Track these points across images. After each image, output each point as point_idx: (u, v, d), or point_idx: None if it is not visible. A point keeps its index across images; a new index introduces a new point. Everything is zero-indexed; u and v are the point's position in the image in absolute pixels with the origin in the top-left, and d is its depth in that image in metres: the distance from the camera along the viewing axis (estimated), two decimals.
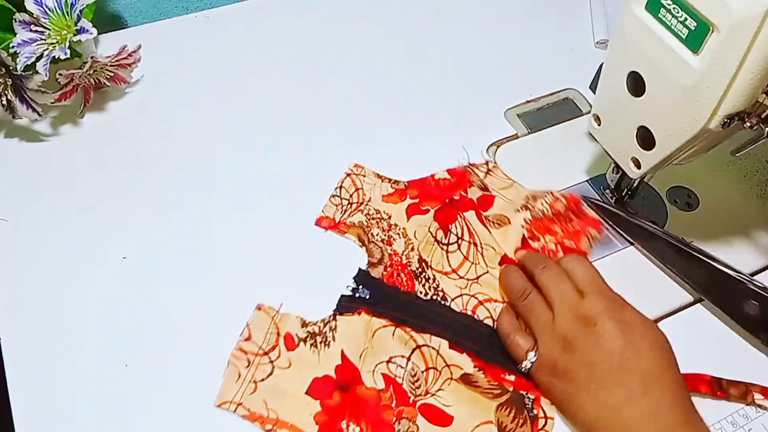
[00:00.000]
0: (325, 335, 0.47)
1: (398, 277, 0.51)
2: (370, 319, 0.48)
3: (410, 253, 0.52)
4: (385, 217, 0.54)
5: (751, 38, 0.37)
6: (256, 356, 0.46)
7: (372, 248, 0.53)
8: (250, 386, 0.45)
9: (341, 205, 0.56)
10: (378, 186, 0.57)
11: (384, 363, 0.46)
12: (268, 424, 0.44)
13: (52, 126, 0.62)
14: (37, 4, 0.58)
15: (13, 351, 0.48)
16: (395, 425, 0.44)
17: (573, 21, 0.75)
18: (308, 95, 0.66)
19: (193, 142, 0.61)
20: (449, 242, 0.52)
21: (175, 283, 0.52)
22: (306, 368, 0.46)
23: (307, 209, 0.56)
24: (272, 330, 0.48)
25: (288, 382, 0.45)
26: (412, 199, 0.55)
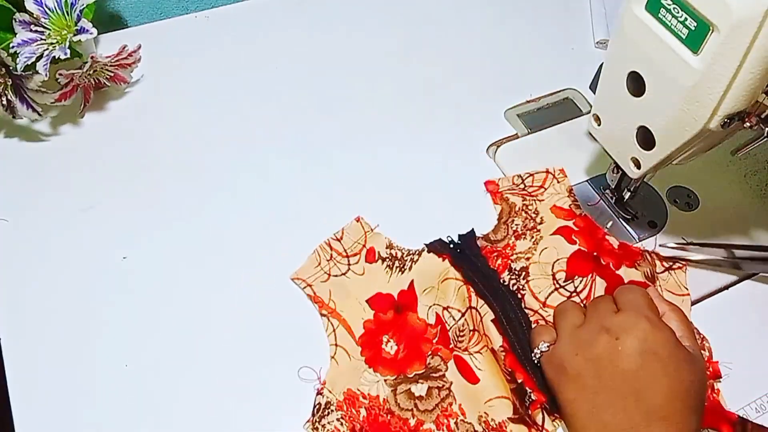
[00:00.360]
0: (403, 262, 0.52)
1: (494, 257, 0.52)
2: (448, 267, 0.51)
3: (523, 259, 0.51)
4: (537, 220, 0.54)
5: (751, 38, 0.37)
6: (338, 255, 0.52)
7: (500, 228, 0.54)
8: (323, 275, 0.51)
9: (518, 185, 0.57)
10: (557, 195, 0.56)
11: (441, 307, 0.49)
12: (324, 310, 0.49)
13: (52, 126, 0.62)
14: (37, 4, 0.58)
15: (13, 351, 0.48)
16: (428, 357, 0.47)
17: (573, 21, 0.75)
18: (308, 95, 0.66)
19: (193, 141, 0.61)
20: (564, 286, 0.50)
21: (175, 283, 0.52)
22: (375, 282, 0.51)
23: (308, 211, 0.56)
24: (361, 241, 0.53)
25: (355, 286, 0.51)
26: (575, 225, 0.53)
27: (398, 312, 0.50)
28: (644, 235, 0.55)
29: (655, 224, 0.56)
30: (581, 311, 0.46)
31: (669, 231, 0.56)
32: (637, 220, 0.56)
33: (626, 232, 0.56)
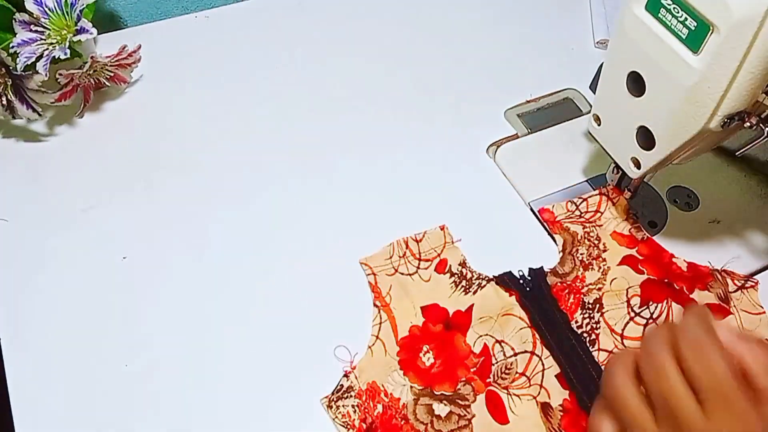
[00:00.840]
0: (470, 284, 0.51)
1: (566, 295, 0.50)
2: (514, 305, 0.50)
3: (594, 289, 0.51)
4: (600, 247, 0.53)
5: (751, 38, 0.37)
6: (412, 256, 0.52)
7: (566, 259, 0.53)
8: (390, 269, 0.52)
9: (571, 212, 0.56)
10: (617, 220, 0.55)
11: (493, 339, 0.48)
12: (378, 301, 0.50)
13: (52, 126, 0.62)
14: (37, 4, 0.58)
15: (13, 351, 0.48)
16: (460, 382, 0.46)
17: (573, 21, 0.75)
18: (308, 95, 0.66)
19: (193, 141, 0.61)
20: (638, 313, 0.49)
21: (175, 283, 0.52)
22: (437, 293, 0.51)
23: (307, 211, 0.56)
24: (438, 249, 0.53)
25: (416, 290, 0.51)
26: (639, 254, 0.53)
27: (447, 329, 0.49)
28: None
29: (655, 224, 0.56)
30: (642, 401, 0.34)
31: (669, 231, 0.56)
32: (636, 220, 0.56)
33: None
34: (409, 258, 0.52)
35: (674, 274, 0.52)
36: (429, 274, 0.52)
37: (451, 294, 0.50)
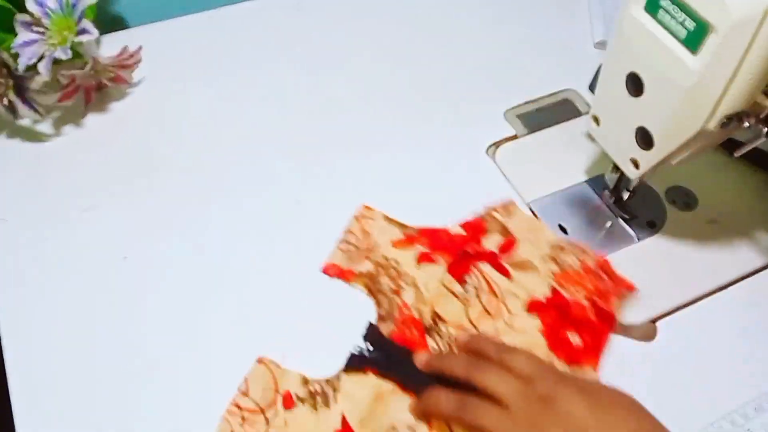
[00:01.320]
0: (326, 395, 0.45)
1: (409, 333, 0.48)
2: (378, 382, 0.46)
3: (422, 306, 0.49)
4: (393, 264, 0.52)
5: (749, 39, 0.37)
6: (251, 413, 0.44)
7: (381, 299, 0.50)
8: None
9: (349, 252, 0.53)
10: (387, 231, 0.54)
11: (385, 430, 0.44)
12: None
13: (54, 126, 0.62)
14: (39, 5, 0.58)
15: (13, 351, 0.48)
16: None
17: (572, 21, 0.75)
18: (308, 95, 0.66)
19: (194, 142, 0.62)
20: (467, 294, 0.50)
21: (175, 283, 0.52)
22: (303, 429, 0.44)
23: (308, 211, 0.56)
24: (271, 386, 0.46)
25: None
26: (423, 247, 0.53)
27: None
28: (643, 235, 0.56)
29: (654, 224, 0.56)
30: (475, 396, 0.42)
31: (668, 231, 0.56)
32: (636, 220, 0.56)
33: (625, 232, 0.56)
34: (250, 419, 0.44)
35: (459, 242, 0.53)
36: (282, 419, 0.44)
37: (317, 420, 0.44)
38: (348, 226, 0.55)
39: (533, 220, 0.55)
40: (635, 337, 0.50)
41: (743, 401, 0.47)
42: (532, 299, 0.50)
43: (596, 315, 0.49)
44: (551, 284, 0.51)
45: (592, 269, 0.51)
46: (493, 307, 0.49)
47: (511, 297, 0.50)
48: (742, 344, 0.50)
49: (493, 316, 0.49)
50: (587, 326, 0.49)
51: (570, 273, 0.51)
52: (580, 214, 0.57)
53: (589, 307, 0.49)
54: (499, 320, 0.49)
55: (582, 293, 0.50)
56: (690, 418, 0.46)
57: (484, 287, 0.50)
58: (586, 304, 0.49)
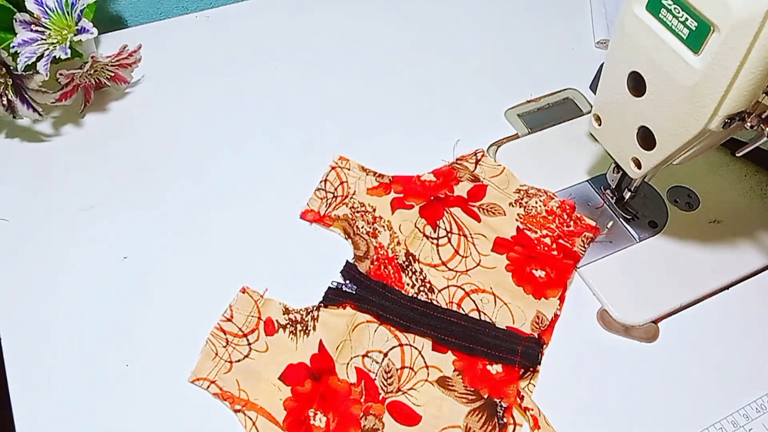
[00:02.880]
0: (306, 324, 0.48)
1: (385, 270, 0.51)
2: (354, 313, 0.49)
3: (396, 246, 0.53)
4: (369, 209, 0.55)
5: (751, 38, 0.37)
6: (234, 337, 0.48)
7: (357, 240, 0.53)
8: (225, 365, 0.46)
9: (326, 199, 0.56)
10: (363, 179, 0.58)
11: (360, 357, 0.47)
12: (237, 405, 0.45)
13: (53, 126, 0.62)
14: (38, 4, 0.58)
15: (14, 351, 0.48)
16: (361, 420, 0.44)
17: (573, 21, 0.75)
18: (308, 95, 0.66)
19: (194, 141, 0.61)
20: (438, 236, 0.53)
21: (175, 283, 0.52)
22: (282, 354, 0.47)
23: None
24: (254, 313, 0.49)
25: (263, 366, 0.46)
26: (397, 193, 0.56)
27: (316, 380, 0.46)
28: (645, 235, 0.56)
29: (656, 224, 0.56)
30: None
31: (670, 231, 0.56)
32: (637, 220, 0.56)
33: (626, 232, 0.56)
34: (234, 342, 0.47)
35: (432, 188, 0.57)
36: (264, 342, 0.47)
37: (296, 345, 0.47)
38: (324, 174, 0.58)
39: (501, 167, 0.59)
40: (637, 337, 0.50)
41: (745, 402, 0.47)
42: (498, 238, 0.53)
43: (560, 252, 0.53)
44: (517, 226, 0.54)
45: (557, 212, 0.55)
46: (463, 248, 0.53)
47: (480, 238, 0.54)
48: (744, 345, 0.50)
49: (463, 256, 0.52)
50: (550, 262, 0.52)
51: (535, 215, 0.55)
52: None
53: (552, 245, 0.53)
54: (469, 259, 0.52)
55: (548, 233, 0.54)
56: (692, 419, 0.46)
57: (455, 229, 0.54)
58: (550, 242, 0.53)
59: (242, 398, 0.45)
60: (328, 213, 0.55)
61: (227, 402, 0.45)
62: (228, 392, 0.45)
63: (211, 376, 0.46)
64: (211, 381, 0.46)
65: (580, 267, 0.53)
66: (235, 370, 0.46)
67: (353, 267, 0.51)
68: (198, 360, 0.47)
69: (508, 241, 0.53)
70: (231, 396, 0.45)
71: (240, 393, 0.45)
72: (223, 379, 0.46)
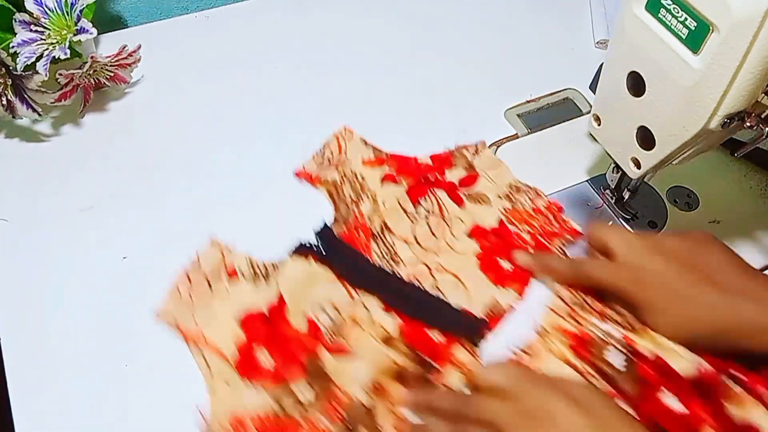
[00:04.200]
0: (268, 275, 0.51)
1: (357, 236, 0.53)
2: (315, 267, 0.50)
3: (374, 216, 0.54)
4: (359, 179, 0.57)
5: (751, 38, 0.37)
6: (198, 283, 0.50)
7: (340, 205, 0.55)
8: (187, 306, 0.49)
9: (322, 163, 0.59)
10: (361, 151, 0.59)
11: (313, 309, 0.49)
12: (191, 342, 0.47)
13: (52, 126, 0.62)
14: (37, 4, 0.58)
15: (13, 351, 0.48)
16: (306, 363, 0.46)
17: (573, 21, 0.75)
18: (308, 95, 0.66)
19: (193, 141, 0.61)
20: (417, 214, 0.54)
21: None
22: (242, 300, 0.49)
23: (308, 210, 0.56)
24: (219, 263, 0.51)
25: (222, 309, 0.49)
26: (390, 169, 0.58)
27: (269, 325, 0.48)
28: None
29: (655, 224, 0.56)
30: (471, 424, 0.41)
31: (669, 231, 0.56)
32: (637, 220, 0.56)
33: None
34: (198, 285, 0.50)
35: (424, 170, 0.58)
36: (225, 289, 0.50)
37: (256, 294, 0.49)
38: (326, 140, 0.60)
39: (498, 161, 0.59)
40: None
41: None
42: (476, 225, 0.54)
43: (536, 248, 0.53)
44: (500, 218, 0.55)
45: (542, 211, 0.55)
46: (439, 230, 0.53)
47: (458, 222, 0.54)
48: None
49: (436, 237, 0.53)
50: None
51: (520, 211, 0.55)
52: (581, 213, 0.57)
53: (531, 241, 0.53)
54: (441, 241, 0.53)
55: (527, 229, 0.54)
56: None
57: (435, 211, 0.54)
58: (528, 238, 0.53)
59: (195, 332, 0.48)
60: (319, 175, 0.58)
61: (185, 339, 0.48)
62: (185, 329, 0.48)
63: (174, 314, 0.49)
64: (172, 318, 0.49)
65: None
66: (197, 311, 0.49)
67: (328, 228, 0.53)
68: (163, 299, 0.49)
69: (485, 230, 0.54)
70: (186, 332, 0.48)
71: (197, 330, 0.48)
72: (183, 316, 0.49)
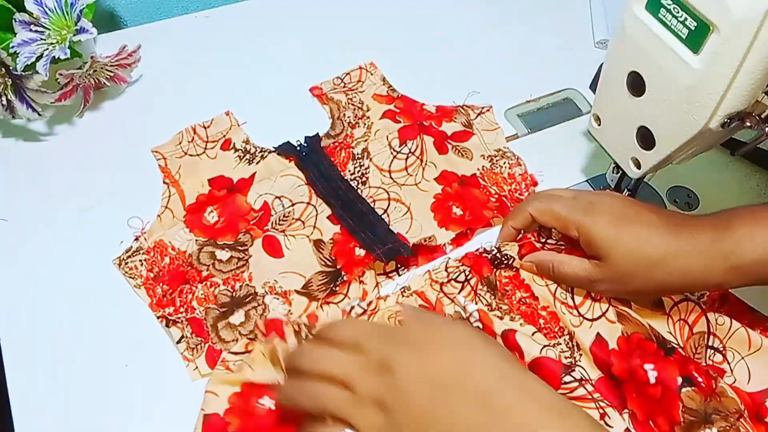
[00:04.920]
0: (253, 157, 0.58)
1: (338, 152, 0.59)
2: (291, 166, 0.57)
3: (361, 141, 0.59)
4: (364, 109, 0.62)
5: (751, 38, 0.37)
6: (200, 139, 0.59)
7: (336, 124, 0.61)
8: (179, 152, 0.58)
9: (336, 86, 0.65)
10: (377, 86, 0.65)
11: (272, 195, 0.55)
12: (168, 179, 0.56)
13: (52, 126, 0.62)
14: (37, 4, 0.58)
15: (13, 351, 0.48)
16: (240, 233, 0.53)
17: (573, 21, 0.75)
18: (308, 95, 0.65)
19: None
20: (399, 151, 0.59)
21: None
22: (222, 165, 0.57)
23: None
24: (224, 132, 0.60)
25: (204, 167, 0.57)
26: (396, 108, 0.62)
27: (230, 191, 0.55)
28: None
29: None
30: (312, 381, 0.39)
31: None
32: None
33: None
34: (197, 141, 0.59)
35: (425, 116, 0.62)
36: (215, 152, 0.58)
37: (235, 166, 0.57)
38: (349, 68, 0.66)
39: (497, 125, 0.63)
40: None
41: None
42: (445, 171, 0.58)
43: (497, 203, 0.56)
44: (475, 173, 0.58)
45: (516, 179, 0.58)
46: (413, 168, 0.58)
47: (432, 167, 0.58)
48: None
49: (408, 174, 0.58)
50: (476, 206, 0.56)
51: (496, 173, 0.59)
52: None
53: (494, 201, 0.56)
54: (411, 178, 0.57)
55: (496, 190, 0.57)
56: None
57: (417, 152, 0.59)
58: (494, 198, 0.57)
59: (175, 178, 0.56)
60: (328, 93, 0.64)
61: (164, 174, 0.56)
62: (168, 170, 0.57)
63: (166, 154, 0.58)
64: (162, 155, 0.58)
65: None
66: (185, 159, 0.58)
67: (317, 138, 0.60)
68: (165, 140, 0.59)
69: (453, 176, 0.58)
70: (168, 172, 0.57)
71: (176, 174, 0.56)
72: (172, 160, 0.58)
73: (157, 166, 0.58)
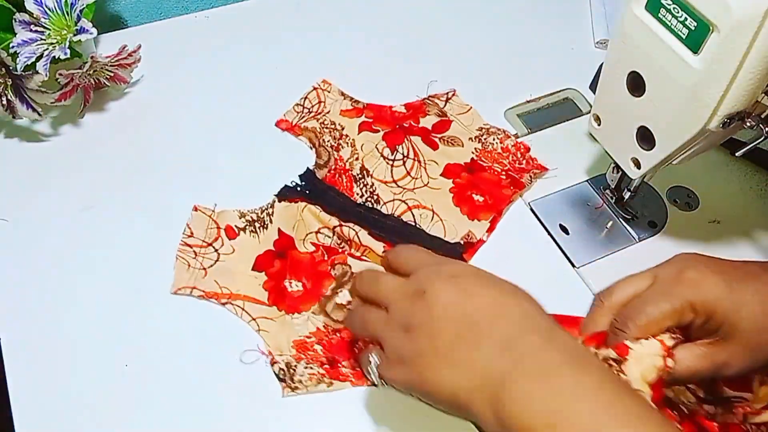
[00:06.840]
0: (263, 220, 0.54)
1: (339, 179, 0.57)
2: (305, 205, 0.55)
3: (354, 161, 0.59)
4: (338, 128, 0.61)
5: (751, 38, 0.37)
6: (200, 248, 0.53)
7: (321, 151, 0.59)
8: (200, 273, 0.51)
9: (301, 113, 0.63)
10: (339, 102, 0.63)
11: (313, 233, 0.54)
12: (223, 299, 0.50)
13: (52, 126, 0.62)
14: (37, 4, 0.58)
15: (13, 351, 0.48)
16: (331, 271, 0.52)
17: (573, 21, 0.75)
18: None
19: (193, 141, 0.61)
20: (395, 159, 0.59)
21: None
22: (249, 250, 0.53)
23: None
24: (212, 226, 0.54)
25: (234, 264, 0.52)
26: (367, 118, 0.62)
27: (283, 258, 0.52)
28: (644, 235, 0.56)
29: (655, 224, 0.56)
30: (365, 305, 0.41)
31: (669, 231, 0.56)
32: (637, 220, 0.56)
33: (626, 232, 0.56)
34: (201, 252, 0.52)
35: (399, 118, 0.62)
36: (229, 246, 0.53)
37: (259, 240, 0.53)
38: (306, 93, 0.64)
39: (468, 106, 0.64)
40: None
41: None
42: (449, 164, 0.59)
43: (507, 179, 0.58)
44: (472, 157, 0.59)
45: (511, 150, 0.60)
46: (415, 170, 0.58)
47: (432, 164, 0.59)
48: None
49: (413, 177, 0.58)
50: (491, 190, 0.57)
51: (490, 151, 0.60)
52: (581, 214, 0.57)
53: (501, 172, 0.58)
54: (418, 180, 0.58)
55: (499, 167, 0.59)
56: None
57: (411, 155, 0.59)
58: (500, 170, 0.58)
59: (225, 293, 0.50)
60: (299, 123, 0.62)
61: (213, 299, 0.50)
62: (211, 292, 0.50)
63: (190, 283, 0.50)
64: (191, 287, 0.50)
65: (579, 267, 0.54)
66: (210, 273, 0.51)
67: (312, 172, 0.58)
68: (174, 274, 0.51)
69: (458, 166, 0.59)
70: (215, 294, 0.50)
71: (222, 290, 0.50)
72: (201, 283, 0.51)
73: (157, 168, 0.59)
